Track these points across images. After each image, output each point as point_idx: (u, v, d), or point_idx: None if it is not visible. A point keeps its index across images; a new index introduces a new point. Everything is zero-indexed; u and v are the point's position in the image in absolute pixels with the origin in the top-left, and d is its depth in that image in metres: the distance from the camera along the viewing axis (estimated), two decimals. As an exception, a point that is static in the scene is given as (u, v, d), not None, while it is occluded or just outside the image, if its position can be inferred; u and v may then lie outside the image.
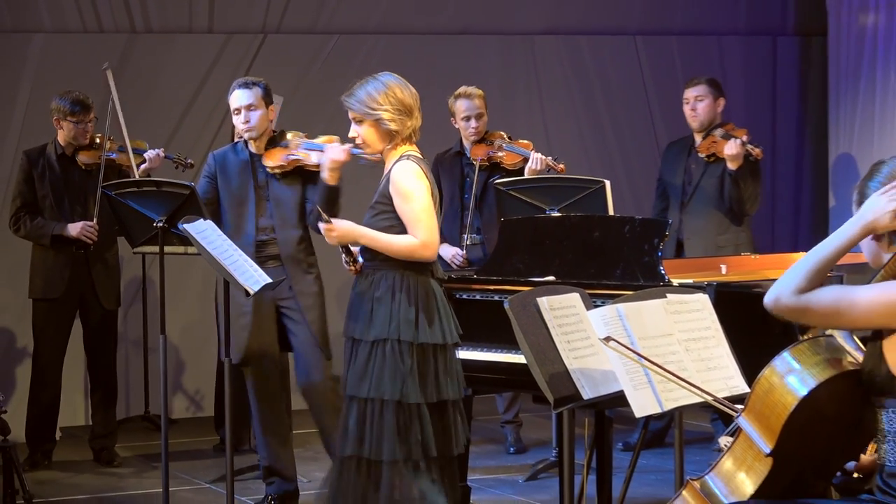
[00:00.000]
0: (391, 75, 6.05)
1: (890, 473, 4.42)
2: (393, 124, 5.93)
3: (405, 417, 5.84)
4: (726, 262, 7.71)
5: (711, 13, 11.86)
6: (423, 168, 5.97)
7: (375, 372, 5.88)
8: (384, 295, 5.90)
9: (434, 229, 5.91)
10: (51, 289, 8.69)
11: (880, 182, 4.47)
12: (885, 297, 4.29)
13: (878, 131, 11.04)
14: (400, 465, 5.85)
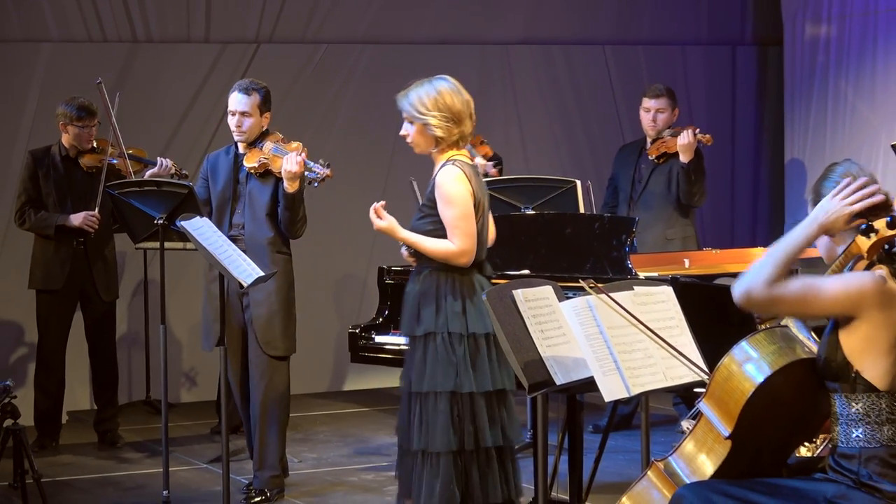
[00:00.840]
0: (446, 81, 5.86)
1: (841, 454, 4.43)
2: (439, 130, 5.75)
3: (459, 408, 5.72)
4: (689, 257, 7.73)
5: (675, 24, 11.87)
6: (468, 173, 5.76)
7: (429, 366, 5.76)
8: (429, 290, 5.78)
9: (471, 236, 5.70)
10: (51, 281, 8.67)
11: (834, 182, 4.48)
12: (847, 287, 4.30)
13: (829, 135, 11.06)
14: (456, 456, 5.75)
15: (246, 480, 7.80)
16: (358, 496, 7.60)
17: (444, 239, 5.72)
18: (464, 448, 5.73)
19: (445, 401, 5.73)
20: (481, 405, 5.72)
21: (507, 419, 5.79)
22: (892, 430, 4.37)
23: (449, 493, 5.72)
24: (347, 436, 8.74)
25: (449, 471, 5.74)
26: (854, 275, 4.33)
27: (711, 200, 9.50)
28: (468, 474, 5.75)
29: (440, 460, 5.75)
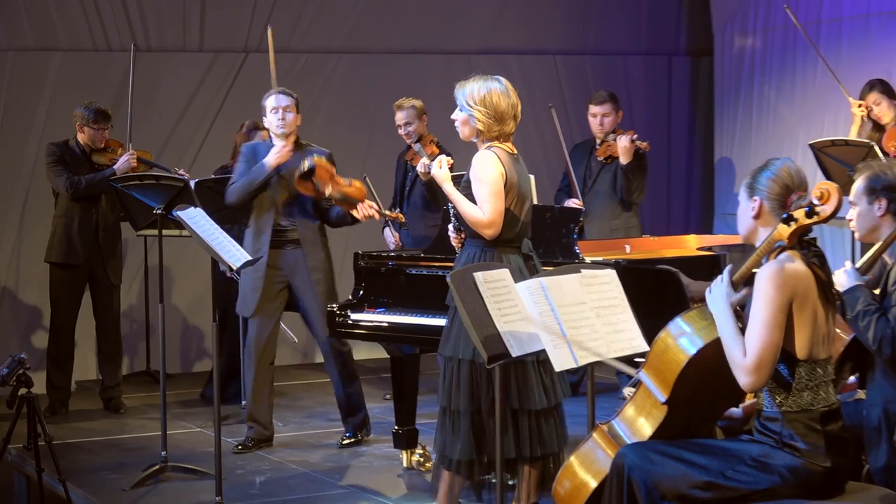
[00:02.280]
0: (499, 82, 5.85)
1: (766, 417, 4.45)
2: (480, 124, 5.75)
3: (477, 374, 5.72)
4: (630, 243, 7.74)
5: (618, 35, 11.88)
6: (503, 159, 5.74)
7: (454, 334, 5.77)
8: (464, 261, 5.77)
9: (499, 213, 5.68)
10: (70, 256, 8.66)
11: (772, 173, 4.50)
12: (777, 307, 4.30)
13: (755, 136, 11.09)
14: (474, 416, 5.75)
15: (234, 441, 7.80)
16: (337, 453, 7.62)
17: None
18: (481, 409, 5.73)
19: (466, 367, 5.74)
20: (497, 371, 5.71)
21: (523, 385, 5.76)
22: (811, 396, 4.38)
23: (467, 448, 5.75)
24: (326, 403, 8.73)
25: (467, 428, 5.75)
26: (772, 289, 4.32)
27: (650, 193, 9.51)
28: (484, 432, 5.75)
29: (460, 418, 5.77)
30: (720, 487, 4.34)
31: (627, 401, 4.70)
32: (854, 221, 5.22)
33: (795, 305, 4.32)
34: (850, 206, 5.20)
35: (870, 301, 5.09)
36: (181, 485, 6.95)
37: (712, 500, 4.34)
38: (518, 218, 5.80)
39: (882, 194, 5.13)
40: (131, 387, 9.54)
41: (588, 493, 4.59)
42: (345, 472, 7.24)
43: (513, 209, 5.76)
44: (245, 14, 10.61)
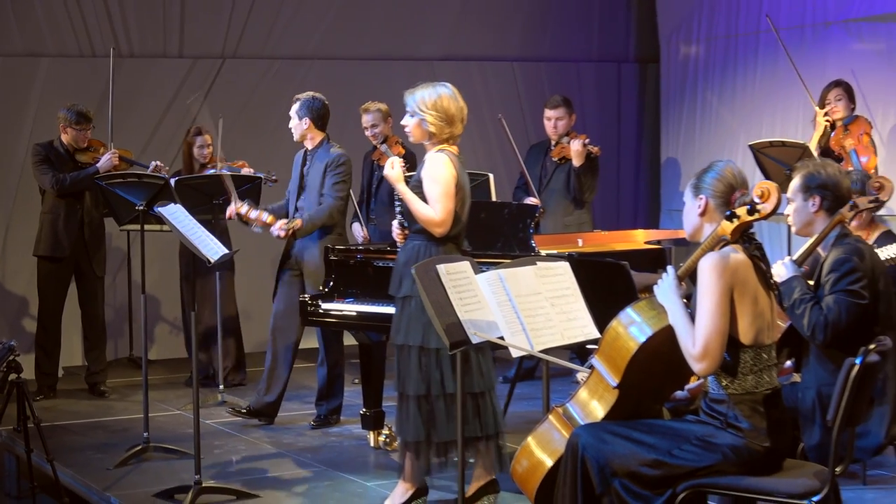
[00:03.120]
0: (447, 87, 5.84)
1: (713, 399, 4.47)
2: (432, 127, 5.75)
3: (427, 360, 5.74)
4: (582, 237, 7.76)
5: (571, 43, 11.89)
6: (454, 162, 5.77)
7: (405, 323, 5.79)
8: (411, 260, 5.73)
9: (450, 212, 5.71)
10: (57, 250, 8.61)
11: (716, 173, 4.51)
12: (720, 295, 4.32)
13: (698, 138, 11.13)
14: (422, 400, 5.76)
15: (216, 425, 7.79)
16: (308, 434, 7.60)
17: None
18: (430, 393, 5.74)
19: (415, 353, 5.75)
20: (445, 358, 5.72)
21: (465, 370, 5.76)
22: (755, 380, 4.40)
23: (416, 429, 5.77)
24: (300, 387, 8.72)
25: (416, 411, 5.77)
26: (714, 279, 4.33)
27: (601, 191, 9.54)
28: (433, 414, 5.75)
29: (410, 401, 5.77)
30: (667, 465, 4.36)
31: (581, 385, 4.70)
32: (790, 217, 5.26)
33: (736, 293, 4.34)
34: (787, 203, 5.23)
35: (805, 291, 5.13)
36: (162, 464, 6.93)
37: (660, 476, 4.35)
38: (461, 217, 5.83)
39: (816, 192, 5.18)
40: (115, 372, 9.48)
41: (545, 471, 4.60)
42: (317, 451, 7.23)
43: (458, 209, 5.78)
44: (222, 22, 10.57)
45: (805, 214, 5.22)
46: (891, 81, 9.14)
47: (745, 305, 4.35)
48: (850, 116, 8.27)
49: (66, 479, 6.61)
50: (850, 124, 8.25)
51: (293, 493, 6.38)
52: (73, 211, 8.60)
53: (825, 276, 5.14)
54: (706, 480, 4.35)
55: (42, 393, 8.70)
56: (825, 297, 5.09)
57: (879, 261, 5.29)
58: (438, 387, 5.73)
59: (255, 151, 9.69)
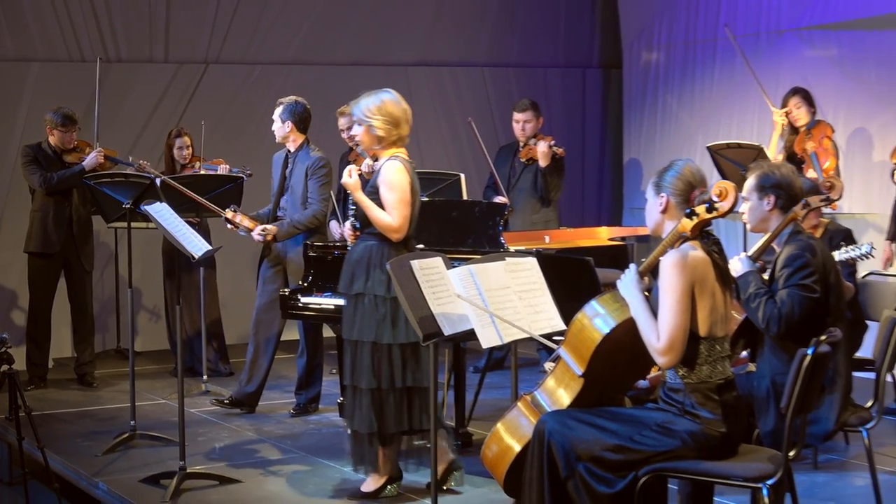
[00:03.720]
0: (389, 93, 5.81)
1: (670, 388, 4.48)
2: (381, 132, 5.72)
3: (379, 355, 5.73)
4: (549, 234, 7.77)
5: (538, 49, 11.90)
6: (408, 168, 5.75)
7: (357, 319, 5.77)
8: (363, 259, 5.76)
9: (406, 218, 5.71)
10: (47, 246, 8.57)
11: (676, 172, 4.53)
12: (681, 291, 4.33)
13: (658, 139, 11.16)
14: (373, 393, 5.75)
15: (200, 413, 7.77)
16: (289, 422, 7.59)
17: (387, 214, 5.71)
18: (381, 386, 5.74)
19: (368, 348, 5.74)
20: (397, 353, 5.73)
21: (416, 366, 5.78)
22: (709, 369, 4.42)
23: (368, 421, 5.76)
24: (280, 377, 8.71)
25: (369, 403, 5.76)
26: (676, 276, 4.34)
27: (566, 190, 9.55)
28: (384, 406, 5.75)
29: (363, 394, 5.77)
30: (629, 450, 4.37)
31: (548, 374, 4.71)
32: (746, 215, 5.28)
33: (696, 289, 4.35)
34: (742, 202, 5.25)
35: (760, 285, 5.16)
36: (148, 451, 6.90)
37: (622, 461, 4.36)
38: (413, 220, 5.83)
39: (771, 191, 5.20)
40: (103, 363, 9.45)
41: (513, 455, 4.61)
42: (297, 438, 7.22)
43: (413, 213, 5.79)
44: (205, 29, 10.54)
45: (760, 212, 5.24)
46: (841, 87, 9.18)
47: (703, 301, 4.37)
48: (813, 121, 8.30)
49: (56, 465, 6.58)
50: (812, 128, 8.29)
51: (274, 478, 6.38)
52: (62, 209, 8.56)
53: (779, 271, 5.16)
54: (666, 465, 4.37)
55: (33, 383, 8.65)
56: (779, 291, 5.11)
57: (830, 256, 5.32)
58: (389, 381, 5.74)
59: (237, 152, 9.67)
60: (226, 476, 6.31)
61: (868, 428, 5.30)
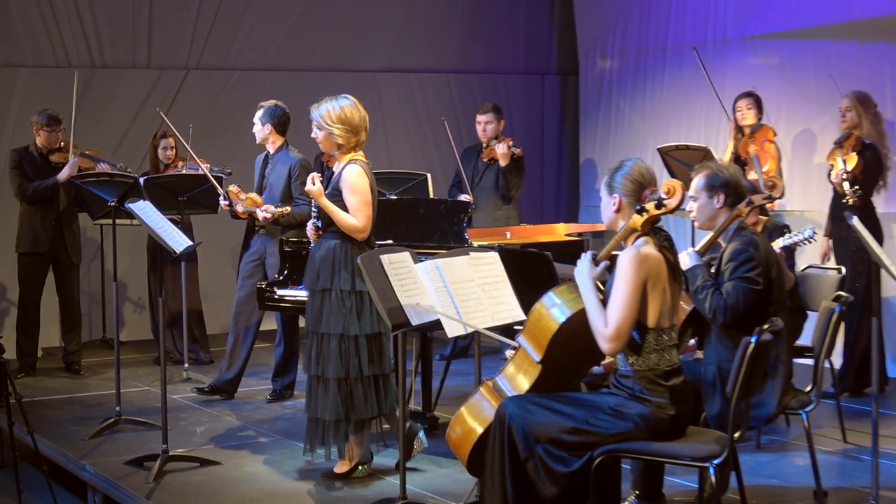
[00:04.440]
0: (348, 100, 5.77)
1: (621, 374, 4.50)
2: (340, 139, 5.70)
3: (346, 346, 5.72)
4: (510, 230, 7.78)
5: (500, 56, 11.90)
6: (367, 171, 5.74)
7: (324, 314, 5.76)
8: (328, 256, 5.74)
9: (369, 218, 5.69)
10: (37, 245, 8.53)
11: (626, 172, 4.55)
12: (634, 285, 4.35)
13: (612, 141, 11.18)
14: (340, 382, 5.75)
15: (182, 399, 7.74)
16: (265, 408, 7.58)
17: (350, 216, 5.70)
18: (348, 375, 5.73)
19: (335, 340, 5.73)
20: (364, 343, 5.72)
21: (378, 355, 5.78)
22: (657, 357, 4.44)
23: (335, 408, 5.75)
24: (257, 365, 8.68)
25: (336, 391, 5.75)
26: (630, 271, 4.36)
27: (526, 189, 9.57)
28: (353, 395, 5.75)
29: (329, 383, 5.75)
30: (584, 432, 4.38)
31: (508, 361, 4.72)
32: (694, 213, 5.30)
33: (649, 284, 4.37)
34: (690, 200, 5.27)
35: (707, 278, 5.18)
36: (133, 435, 6.88)
37: (578, 442, 4.38)
38: (373, 218, 5.83)
39: (721, 189, 5.22)
40: (90, 352, 9.40)
41: (476, 437, 4.62)
42: (273, 423, 7.20)
43: (373, 213, 5.79)
44: (186, 37, 10.49)
45: (710, 210, 5.25)
46: (783, 93, 9.23)
47: (655, 294, 4.39)
48: (757, 125, 8.33)
49: (45, 449, 6.54)
50: (755, 132, 8.31)
51: (252, 460, 6.36)
52: (49, 209, 8.50)
53: (725, 265, 5.18)
54: (619, 445, 4.39)
55: (23, 371, 8.61)
56: (725, 283, 5.13)
57: (772, 250, 5.35)
58: (357, 370, 5.74)
59: (216, 154, 9.62)
60: (206, 458, 6.29)
61: (807, 411, 5.34)
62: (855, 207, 7.29)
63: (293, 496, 5.72)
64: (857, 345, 7.61)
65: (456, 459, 4.81)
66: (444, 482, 5.82)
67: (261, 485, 5.92)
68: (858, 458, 6.20)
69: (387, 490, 5.70)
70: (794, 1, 9.28)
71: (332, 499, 5.65)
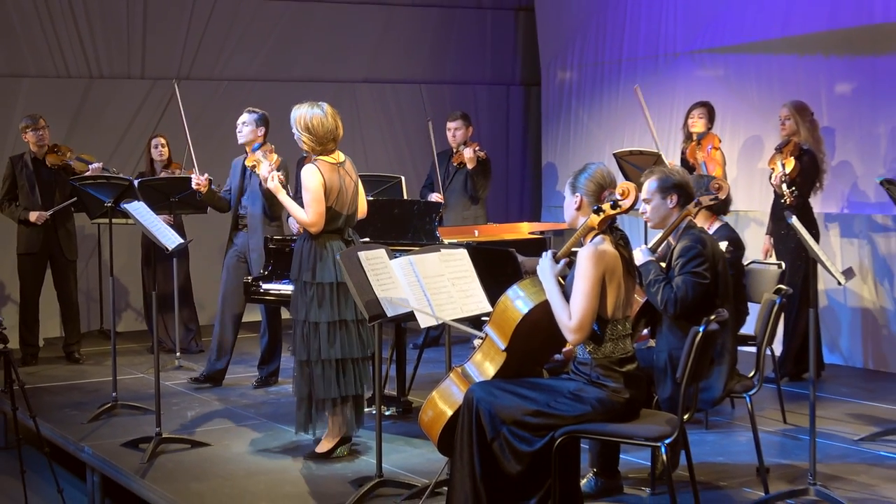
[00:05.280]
0: (321, 109, 5.72)
1: (579, 362, 4.51)
2: (306, 146, 5.72)
3: (307, 331, 5.75)
4: (478, 229, 7.79)
5: (469, 67, 11.91)
6: (322, 169, 5.68)
7: (293, 301, 5.84)
8: (299, 251, 5.80)
9: (319, 214, 5.65)
10: (31, 245, 8.51)
11: (589, 174, 4.56)
12: (593, 279, 4.35)
13: (572, 147, 11.20)
14: (303, 364, 5.79)
15: (174, 386, 7.71)
16: (251, 393, 7.55)
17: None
18: (310, 358, 5.76)
19: (300, 326, 5.80)
20: (324, 330, 5.73)
21: (347, 340, 5.78)
22: (612, 346, 4.45)
23: (299, 387, 5.84)
24: (243, 354, 8.66)
25: (300, 372, 5.83)
26: (590, 267, 4.37)
27: (493, 190, 9.59)
28: (313, 376, 5.78)
29: (298, 365, 5.84)
30: (546, 415, 4.39)
31: (476, 349, 4.72)
32: (648, 213, 5.31)
33: (607, 278, 4.38)
34: (643, 202, 5.28)
35: (658, 273, 5.19)
36: (128, 419, 6.84)
37: (540, 424, 4.38)
38: (339, 213, 5.77)
39: (673, 191, 5.23)
40: (88, 342, 9.34)
41: (446, 419, 4.62)
42: (259, 408, 7.18)
43: (334, 207, 5.73)
44: (177, 49, 10.45)
45: (664, 210, 5.26)
46: (728, 102, 9.27)
47: (611, 289, 4.39)
48: (704, 132, 8.37)
49: (46, 432, 6.51)
50: (702, 139, 8.35)
51: (238, 442, 6.34)
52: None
53: (675, 261, 5.20)
54: (578, 427, 4.40)
55: (26, 360, 8.56)
56: (675, 277, 5.15)
57: (719, 247, 5.37)
58: (317, 354, 5.76)
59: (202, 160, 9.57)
60: (196, 440, 6.27)
61: (751, 394, 5.36)
62: (793, 207, 7.33)
63: (276, 474, 5.71)
64: (795, 334, 7.65)
65: (428, 440, 4.81)
66: (417, 461, 5.83)
67: (247, 464, 5.90)
68: (797, 438, 6.24)
69: (364, 469, 5.70)
70: (738, 18, 9.33)
71: (313, 477, 5.64)
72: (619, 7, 10.57)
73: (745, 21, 9.27)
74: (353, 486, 5.37)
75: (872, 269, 8.32)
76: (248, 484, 5.56)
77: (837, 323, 8.52)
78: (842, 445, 6.12)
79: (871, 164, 8.31)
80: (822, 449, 5.82)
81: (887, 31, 8.23)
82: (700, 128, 8.33)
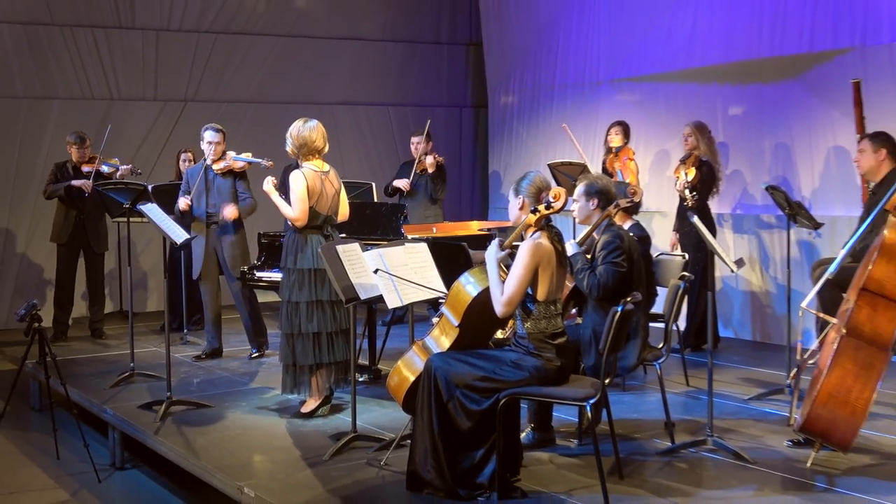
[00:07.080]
0: (311, 124, 5.71)
1: (519, 336, 4.51)
2: (291, 152, 5.72)
3: (290, 310, 5.75)
4: (436, 226, 7.77)
5: (428, 90, 11.89)
6: (306, 174, 5.66)
7: (281, 284, 5.84)
8: (286, 241, 5.80)
9: (304, 212, 5.63)
10: (62, 237, 8.42)
11: (529, 180, 4.56)
12: (528, 266, 4.36)
13: (513, 158, 11.22)
14: (287, 336, 5.78)
15: (182, 357, 7.65)
16: (248, 363, 7.50)
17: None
18: (293, 332, 5.76)
19: (284, 306, 5.79)
20: (303, 308, 5.73)
21: (322, 317, 5.76)
22: (545, 323, 4.46)
23: (284, 356, 5.84)
24: (241, 332, 8.60)
25: (285, 343, 5.81)
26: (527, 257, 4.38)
27: (448, 194, 9.59)
28: (295, 346, 5.78)
29: (283, 337, 5.83)
30: (492, 380, 4.40)
31: (434, 326, 4.72)
32: (576, 212, 5.34)
33: (541, 268, 4.39)
34: (572, 203, 5.31)
35: (585, 263, 5.22)
36: (144, 385, 6.78)
37: (488, 388, 4.39)
38: (320, 213, 5.75)
39: (595, 195, 5.26)
40: (111, 321, 9.27)
41: (408, 384, 4.62)
42: (253, 375, 7.14)
43: (316, 207, 5.73)
44: (184, 74, 10.36)
45: (587, 210, 5.30)
46: (642, 122, 9.32)
47: (544, 276, 4.41)
48: (621, 146, 8.41)
49: (74, 396, 6.44)
50: (619, 152, 8.40)
51: (236, 404, 6.30)
52: (70, 209, 8.39)
53: (598, 253, 5.23)
54: (518, 389, 4.41)
55: (56, 336, 8.46)
56: (598, 266, 5.18)
57: (634, 241, 5.41)
58: (297, 328, 5.76)
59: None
60: (201, 403, 6.23)
61: (660, 362, 5.40)
62: (695, 209, 7.39)
63: (268, 430, 5.68)
64: (696, 312, 7.72)
65: (394, 401, 4.80)
66: (385, 419, 5.82)
67: (243, 422, 5.87)
68: (697, 398, 6.30)
69: (341, 425, 5.68)
70: (650, 51, 9.38)
71: (298, 433, 5.62)
72: (552, 43, 10.59)
73: (656, 54, 9.32)
74: (332, 440, 5.36)
75: (759, 260, 8.42)
76: (245, 438, 5.53)
77: (730, 303, 8.61)
78: (734, 404, 6.19)
79: (758, 173, 8.40)
80: (718, 407, 5.88)
81: (771, 64, 8.32)
82: (618, 142, 8.40)
